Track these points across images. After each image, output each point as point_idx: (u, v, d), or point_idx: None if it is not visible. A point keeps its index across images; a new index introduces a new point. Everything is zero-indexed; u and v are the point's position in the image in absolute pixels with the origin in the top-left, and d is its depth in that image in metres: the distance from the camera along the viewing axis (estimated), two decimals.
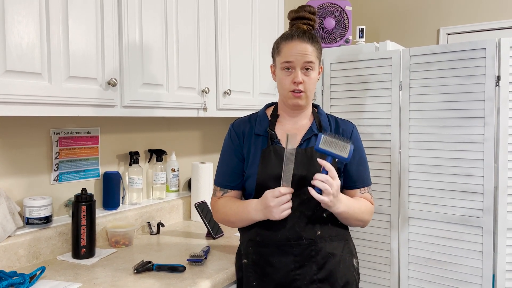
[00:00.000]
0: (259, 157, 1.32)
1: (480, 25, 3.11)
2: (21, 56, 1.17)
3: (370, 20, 3.46)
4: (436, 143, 1.88)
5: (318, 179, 1.19)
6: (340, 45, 2.47)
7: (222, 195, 1.41)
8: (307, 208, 1.28)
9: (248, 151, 1.37)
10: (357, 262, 1.38)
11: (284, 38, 1.32)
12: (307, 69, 1.28)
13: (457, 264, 1.84)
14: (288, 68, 1.29)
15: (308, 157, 1.30)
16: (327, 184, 1.18)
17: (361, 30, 2.41)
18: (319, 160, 1.22)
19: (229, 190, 1.40)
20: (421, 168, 1.92)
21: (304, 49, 1.27)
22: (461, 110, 1.81)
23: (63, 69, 1.28)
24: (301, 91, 1.29)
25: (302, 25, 1.33)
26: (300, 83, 1.28)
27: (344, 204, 1.26)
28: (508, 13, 3.02)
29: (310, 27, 1.34)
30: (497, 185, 1.74)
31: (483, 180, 1.76)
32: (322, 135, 1.23)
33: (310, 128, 1.35)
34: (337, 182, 1.20)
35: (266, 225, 1.29)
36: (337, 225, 1.34)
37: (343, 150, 1.21)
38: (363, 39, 2.41)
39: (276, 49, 1.34)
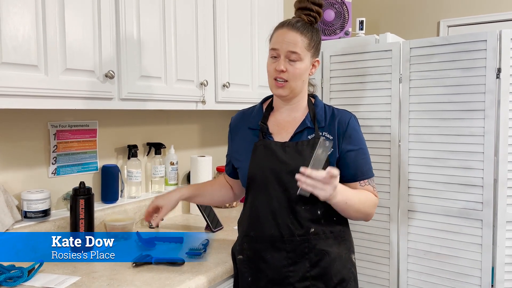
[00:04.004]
0: (251, 151, 1.31)
1: (481, 17, 3.09)
2: (17, 48, 1.16)
3: (370, 12, 3.43)
4: (436, 136, 1.87)
5: (304, 180, 1.12)
6: (339, 38, 2.44)
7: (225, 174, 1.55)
8: (299, 204, 1.25)
9: (239, 144, 1.37)
10: (355, 258, 1.37)
11: (277, 25, 1.31)
12: (292, 59, 1.25)
13: (456, 257, 1.84)
14: (274, 56, 1.28)
15: (298, 151, 1.27)
16: (314, 182, 1.12)
17: (361, 22, 2.39)
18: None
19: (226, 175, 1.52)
20: (421, 161, 1.91)
21: (291, 38, 1.24)
22: (461, 102, 1.80)
23: (60, 61, 1.26)
24: (283, 80, 1.26)
25: (303, 16, 1.29)
26: (282, 71, 1.25)
27: (341, 194, 1.19)
28: (509, 5, 3.00)
29: (312, 19, 1.30)
30: (497, 178, 1.74)
31: (483, 173, 1.76)
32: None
33: (304, 121, 1.32)
34: (326, 175, 1.11)
35: (260, 220, 1.28)
36: (333, 222, 1.30)
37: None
38: (363, 31, 2.39)
39: (269, 36, 1.33)
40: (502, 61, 1.71)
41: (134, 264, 1.34)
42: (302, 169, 1.12)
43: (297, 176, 1.12)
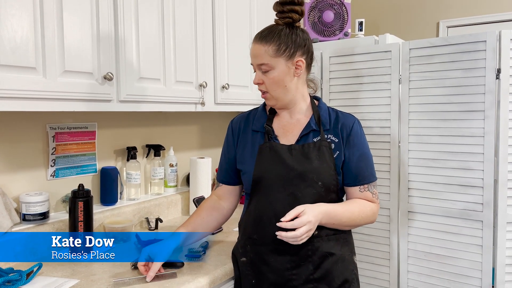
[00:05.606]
0: (256, 153, 1.31)
1: (481, 17, 3.08)
2: (15, 50, 1.16)
3: (370, 13, 3.43)
4: (436, 137, 1.86)
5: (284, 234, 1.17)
6: (339, 39, 2.44)
7: (215, 188, 1.48)
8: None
9: (243, 147, 1.36)
10: (356, 259, 1.37)
11: None
12: (263, 70, 1.27)
13: (456, 258, 1.83)
14: (253, 70, 1.32)
15: (304, 154, 1.28)
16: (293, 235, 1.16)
17: (360, 23, 2.39)
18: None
19: (221, 184, 1.45)
20: (421, 162, 1.91)
21: (255, 52, 1.28)
22: (461, 103, 1.79)
23: (58, 63, 1.26)
24: (264, 92, 1.31)
25: (279, 20, 1.29)
26: (259, 83, 1.30)
27: (327, 218, 1.23)
28: (508, 5, 3.00)
29: (288, 19, 1.27)
30: (497, 178, 1.73)
31: (483, 173, 1.75)
32: None
33: (309, 124, 1.32)
34: (303, 221, 1.17)
35: (264, 223, 1.27)
36: None
37: None
38: (362, 32, 2.39)
39: None
40: (501, 61, 1.70)
41: (133, 266, 1.33)
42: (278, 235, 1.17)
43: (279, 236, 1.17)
